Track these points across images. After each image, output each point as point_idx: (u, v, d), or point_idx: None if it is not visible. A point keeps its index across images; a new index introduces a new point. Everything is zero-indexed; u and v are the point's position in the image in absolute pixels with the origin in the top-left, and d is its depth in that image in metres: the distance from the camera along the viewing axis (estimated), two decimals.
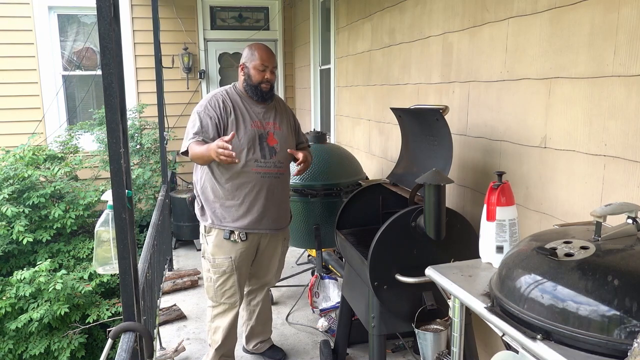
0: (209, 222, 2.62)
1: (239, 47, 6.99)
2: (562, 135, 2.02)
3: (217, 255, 2.64)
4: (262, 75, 2.56)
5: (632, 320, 1.04)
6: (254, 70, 2.56)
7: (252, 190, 2.56)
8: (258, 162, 2.56)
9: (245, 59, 2.60)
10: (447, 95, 2.88)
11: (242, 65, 2.61)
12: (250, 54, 2.59)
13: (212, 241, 2.64)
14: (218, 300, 2.71)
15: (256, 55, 2.57)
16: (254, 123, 2.57)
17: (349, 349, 2.93)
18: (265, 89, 2.58)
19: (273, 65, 2.60)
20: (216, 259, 2.64)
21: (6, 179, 5.04)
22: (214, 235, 2.63)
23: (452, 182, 2.08)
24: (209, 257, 2.66)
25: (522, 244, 1.42)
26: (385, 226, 2.10)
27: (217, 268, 2.64)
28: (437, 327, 2.12)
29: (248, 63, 2.58)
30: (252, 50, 2.61)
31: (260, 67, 2.55)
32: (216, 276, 2.66)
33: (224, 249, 2.62)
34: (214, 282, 2.68)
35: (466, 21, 2.68)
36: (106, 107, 1.43)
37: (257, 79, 2.57)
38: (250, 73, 2.57)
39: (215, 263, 2.64)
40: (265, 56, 2.58)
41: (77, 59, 6.64)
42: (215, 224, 2.61)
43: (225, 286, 2.67)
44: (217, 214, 2.60)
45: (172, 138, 5.82)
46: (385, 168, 3.81)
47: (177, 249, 5.41)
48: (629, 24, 1.70)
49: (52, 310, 4.41)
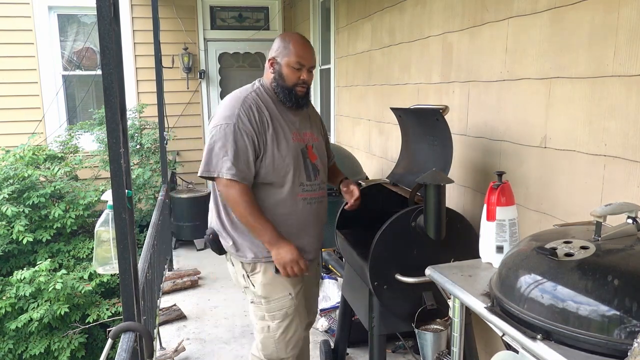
0: (251, 257, 2.06)
1: (239, 47, 7.01)
2: (562, 135, 2.02)
3: (272, 296, 2.07)
4: (297, 76, 2.05)
5: (632, 320, 1.04)
6: (287, 69, 2.04)
7: (296, 222, 2.09)
8: (304, 185, 2.09)
9: (276, 53, 2.07)
10: (447, 95, 2.88)
11: (272, 60, 2.08)
12: (282, 46, 2.06)
13: (260, 279, 2.07)
14: (281, 354, 2.11)
15: (291, 49, 2.04)
16: (294, 135, 2.08)
17: (349, 349, 2.93)
18: (301, 93, 2.08)
19: (312, 64, 2.09)
20: (271, 301, 2.07)
21: (6, 178, 5.04)
22: (260, 272, 2.07)
23: (452, 182, 2.08)
24: (263, 300, 2.09)
25: (522, 244, 1.42)
26: (385, 226, 2.10)
27: (276, 311, 2.08)
28: (437, 327, 2.12)
29: (280, 58, 2.06)
30: (285, 41, 2.07)
31: (295, 65, 2.04)
32: (276, 323, 2.08)
33: (279, 285, 2.07)
34: (273, 331, 2.09)
35: (466, 21, 2.67)
36: (106, 107, 1.43)
37: (292, 80, 2.05)
38: (282, 71, 2.05)
39: (271, 306, 2.07)
40: (303, 51, 2.05)
41: (77, 59, 6.63)
42: (260, 258, 2.06)
43: (288, 333, 2.10)
44: (257, 243, 2.05)
45: (172, 138, 5.82)
46: (385, 168, 3.80)
47: (177, 249, 5.41)
48: (629, 24, 1.70)
49: (52, 310, 4.42)
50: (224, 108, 2.04)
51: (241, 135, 1.96)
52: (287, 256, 1.99)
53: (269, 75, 2.11)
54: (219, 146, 1.97)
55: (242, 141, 1.96)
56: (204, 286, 4.36)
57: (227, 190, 1.98)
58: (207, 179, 2.06)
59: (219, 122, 2.00)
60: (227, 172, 1.95)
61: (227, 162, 1.95)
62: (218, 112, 2.06)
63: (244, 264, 2.09)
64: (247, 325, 3.57)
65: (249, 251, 2.06)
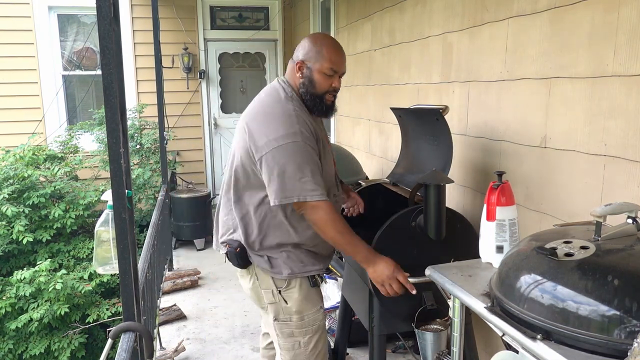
0: (287, 273, 1.95)
1: (239, 47, 7.01)
2: (562, 135, 2.02)
3: (306, 311, 1.99)
4: (329, 83, 1.91)
5: (632, 320, 1.04)
6: (319, 75, 1.89)
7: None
8: (336, 196, 2.06)
9: (306, 56, 1.91)
10: (447, 95, 2.88)
11: (301, 63, 1.91)
12: (315, 51, 1.89)
13: (296, 295, 1.97)
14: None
15: (324, 55, 1.89)
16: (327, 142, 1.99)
17: (349, 349, 2.93)
18: (330, 102, 1.95)
19: (344, 70, 1.96)
20: (305, 316, 1.99)
21: (6, 178, 5.04)
22: (297, 287, 1.97)
23: (452, 182, 2.08)
24: (295, 317, 1.98)
25: (522, 244, 1.42)
26: (385, 226, 2.10)
27: (309, 327, 2.00)
28: (437, 327, 2.12)
29: (311, 63, 1.90)
30: (317, 45, 1.90)
31: (328, 72, 1.90)
32: (307, 337, 2.00)
33: (313, 299, 2.01)
34: (304, 346, 2.00)
35: (466, 21, 2.68)
36: (106, 107, 1.43)
37: (323, 88, 1.91)
38: (313, 77, 1.90)
39: (305, 321, 1.99)
40: (337, 57, 1.91)
41: (77, 59, 6.63)
42: (296, 272, 1.96)
43: (318, 346, 2.02)
44: (293, 258, 1.96)
45: (172, 138, 5.82)
46: (385, 168, 3.80)
47: (177, 249, 5.41)
48: (629, 24, 1.70)
49: (52, 310, 4.42)
50: (276, 124, 1.82)
51: (309, 151, 1.81)
52: (385, 272, 1.88)
53: (296, 80, 1.94)
54: (293, 168, 1.78)
55: (313, 157, 1.82)
56: (204, 286, 4.36)
57: (314, 212, 1.83)
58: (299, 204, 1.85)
59: (278, 142, 1.78)
60: (313, 193, 1.79)
61: (308, 184, 1.79)
62: (268, 129, 1.82)
63: (276, 280, 1.96)
64: (247, 325, 3.57)
65: (285, 267, 1.94)
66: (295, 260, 1.95)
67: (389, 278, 1.89)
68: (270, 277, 1.96)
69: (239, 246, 1.95)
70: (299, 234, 1.93)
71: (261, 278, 1.98)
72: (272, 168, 1.79)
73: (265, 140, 1.81)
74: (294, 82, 1.95)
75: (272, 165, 1.79)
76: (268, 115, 1.88)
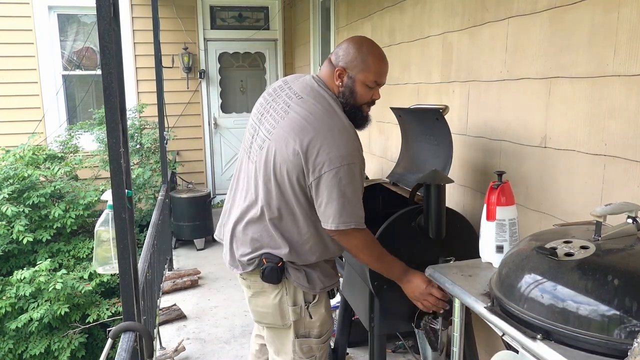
0: (320, 287, 1.89)
1: (239, 47, 7.02)
2: (562, 135, 2.02)
3: (326, 325, 1.95)
4: (370, 95, 1.81)
5: (632, 320, 1.04)
6: (361, 86, 1.77)
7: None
8: None
9: (349, 63, 1.77)
10: (447, 95, 2.88)
11: (342, 70, 1.77)
12: (360, 59, 1.76)
13: (322, 310, 1.92)
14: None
15: (370, 65, 1.77)
16: None
17: (349, 349, 2.93)
18: (366, 113, 1.85)
19: (385, 81, 1.86)
20: (324, 330, 1.95)
21: (6, 178, 5.04)
22: (323, 302, 1.92)
23: (452, 181, 2.08)
24: (315, 331, 1.91)
25: (522, 243, 1.42)
26: (385, 226, 2.10)
27: (325, 342, 1.96)
28: None
29: (354, 72, 1.77)
30: (362, 53, 1.77)
31: (371, 84, 1.79)
32: (321, 352, 1.95)
33: (329, 312, 1.99)
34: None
35: (466, 21, 2.68)
36: (106, 107, 1.43)
37: (364, 99, 1.80)
38: (355, 88, 1.77)
39: (323, 337, 1.94)
40: (382, 68, 1.81)
41: (77, 59, 6.64)
42: (327, 286, 1.92)
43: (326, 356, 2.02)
44: (325, 273, 1.92)
45: (172, 138, 5.82)
46: (385, 168, 3.80)
47: (177, 249, 5.41)
48: (629, 24, 1.70)
49: (52, 310, 4.42)
50: (339, 138, 1.69)
51: (362, 173, 1.73)
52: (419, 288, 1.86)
53: (334, 86, 1.80)
54: (352, 191, 1.69)
55: (362, 180, 1.74)
56: (204, 286, 4.36)
57: (354, 237, 1.78)
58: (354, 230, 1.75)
59: (341, 162, 1.66)
60: (361, 220, 1.75)
61: (360, 210, 1.75)
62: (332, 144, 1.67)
63: (307, 294, 1.88)
64: (247, 325, 3.57)
65: (319, 282, 1.88)
66: (327, 274, 1.92)
67: (422, 294, 1.87)
68: (302, 292, 1.87)
69: (280, 261, 1.81)
70: (331, 247, 1.88)
71: (292, 294, 1.87)
72: (332, 189, 1.68)
73: (327, 158, 1.66)
74: (332, 87, 1.81)
75: (332, 187, 1.67)
76: (326, 128, 1.71)
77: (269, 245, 1.83)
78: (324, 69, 1.85)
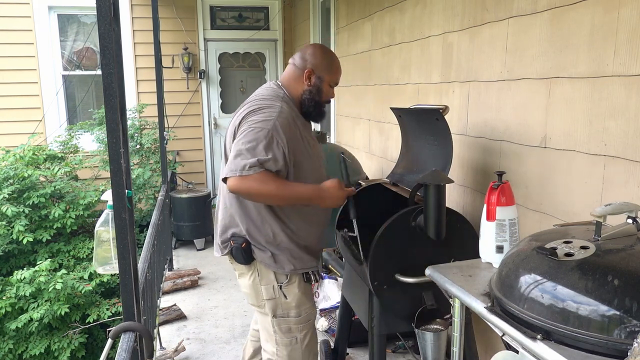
0: (290, 269, 2.04)
1: (239, 47, 7.01)
2: (562, 135, 2.02)
3: (303, 306, 2.09)
4: (331, 93, 2.09)
5: (632, 320, 1.04)
6: (327, 86, 2.05)
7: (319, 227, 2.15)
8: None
9: (318, 67, 2.03)
10: (447, 95, 2.88)
11: (311, 71, 2.02)
12: (327, 63, 2.05)
13: (296, 291, 2.06)
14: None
15: (335, 68, 2.07)
16: (314, 145, 2.12)
17: (349, 349, 2.93)
18: (324, 109, 2.13)
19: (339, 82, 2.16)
20: (303, 311, 2.09)
21: (6, 178, 5.04)
22: (296, 283, 2.07)
23: (452, 182, 2.08)
24: (293, 311, 2.07)
25: (522, 243, 1.42)
26: (385, 226, 2.10)
27: (305, 322, 2.11)
28: (437, 327, 2.12)
29: (324, 73, 2.03)
30: (330, 59, 2.07)
31: (334, 84, 2.08)
32: (303, 333, 2.10)
33: (308, 295, 2.13)
34: (300, 341, 2.09)
35: (466, 21, 2.68)
36: (106, 107, 1.44)
37: (327, 97, 2.08)
38: (322, 87, 2.04)
39: (302, 317, 2.09)
40: (340, 72, 2.13)
41: (77, 59, 6.64)
42: (298, 269, 2.06)
43: (312, 341, 2.14)
44: (295, 255, 2.05)
45: (172, 138, 5.82)
46: (385, 168, 3.81)
47: (177, 249, 5.41)
48: (629, 24, 1.70)
49: (52, 310, 4.42)
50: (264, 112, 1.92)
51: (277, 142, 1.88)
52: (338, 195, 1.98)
53: (299, 85, 2.04)
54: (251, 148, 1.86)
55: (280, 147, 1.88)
56: (204, 286, 4.36)
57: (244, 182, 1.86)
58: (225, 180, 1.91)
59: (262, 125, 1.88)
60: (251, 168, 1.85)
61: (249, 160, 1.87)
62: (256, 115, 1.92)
63: (278, 274, 2.03)
64: (247, 325, 3.57)
65: (288, 263, 2.03)
66: (297, 257, 2.04)
67: (339, 197, 1.99)
68: (272, 272, 2.03)
69: (245, 241, 2.01)
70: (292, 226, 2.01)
71: (262, 274, 2.04)
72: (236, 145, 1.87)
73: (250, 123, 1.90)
74: (295, 87, 2.04)
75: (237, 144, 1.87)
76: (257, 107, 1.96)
77: (232, 225, 2.04)
78: (287, 72, 2.08)
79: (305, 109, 2.05)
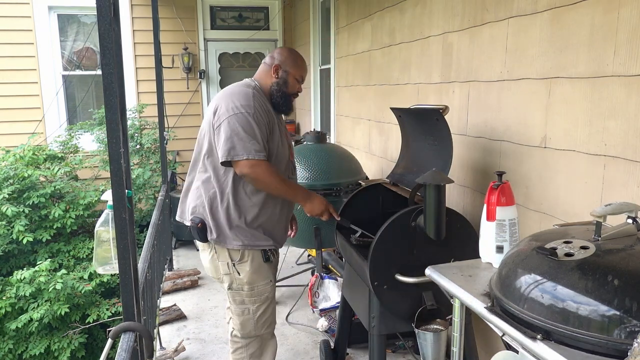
0: (238, 244, 2.23)
1: (239, 47, 7.01)
2: (562, 135, 2.02)
3: (256, 283, 2.29)
4: (297, 87, 2.38)
5: (632, 320, 1.04)
6: (293, 79, 2.34)
7: (282, 206, 2.34)
8: (290, 178, 2.42)
9: (284, 62, 2.33)
10: (447, 95, 2.88)
11: (278, 66, 2.32)
12: (292, 60, 2.36)
13: (248, 268, 2.26)
14: (258, 331, 2.36)
15: (299, 65, 2.37)
16: (285, 134, 2.38)
17: (349, 349, 2.93)
18: (292, 102, 2.41)
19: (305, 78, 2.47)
20: (255, 287, 2.29)
21: (6, 178, 5.04)
22: (249, 260, 2.27)
23: (452, 182, 2.08)
24: (245, 287, 2.29)
25: (522, 244, 1.42)
26: (385, 226, 2.10)
27: (258, 296, 2.31)
28: (437, 327, 2.12)
29: (289, 68, 2.33)
30: (295, 56, 2.39)
31: (299, 79, 2.38)
32: (256, 305, 2.32)
33: (263, 273, 2.31)
34: (253, 313, 2.32)
35: (466, 21, 2.68)
36: (106, 107, 1.44)
37: (293, 90, 2.36)
38: (288, 80, 2.33)
39: (254, 292, 2.30)
40: (306, 69, 2.44)
41: (77, 59, 6.64)
42: (248, 246, 2.25)
43: (266, 314, 2.35)
44: (246, 234, 2.25)
45: (172, 138, 5.82)
46: (385, 168, 3.81)
47: (177, 249, 5.41)
48: (629, 24, 1.70)
49: (52, 310, 4.42)
50: (237, 97, 2.18)
51: (258, 124, 2.15)
52: (320, 207, 2.35)
53: (269, 79, 2.34)
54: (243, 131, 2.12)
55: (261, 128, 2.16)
56: (204, 286, 4.36)
57: (255, 169, 2.14)
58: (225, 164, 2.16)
59: (238, 109, 2.15)
60: (257, 153, 2.13)
61: (255, 145, 2.13)
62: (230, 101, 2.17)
63: (231, 251, 2.25)
64: None
65: (238, 239, 2.23)
66: (249, 235, 2.24)
67: (323, 212, 2.36)
68: (226, 249, 2.25)
69: (201, 221, 2.25)
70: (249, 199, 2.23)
71: (219, 251, 2.27)
72: (226, 130, 2.13)
73: (225, 110, 2.16)
74: (265, 82, 2.34)
75: (226, 128, 2.13)
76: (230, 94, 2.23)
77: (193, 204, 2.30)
78: (259, 70, 2.38)
79: (275, 100, 2.32)
